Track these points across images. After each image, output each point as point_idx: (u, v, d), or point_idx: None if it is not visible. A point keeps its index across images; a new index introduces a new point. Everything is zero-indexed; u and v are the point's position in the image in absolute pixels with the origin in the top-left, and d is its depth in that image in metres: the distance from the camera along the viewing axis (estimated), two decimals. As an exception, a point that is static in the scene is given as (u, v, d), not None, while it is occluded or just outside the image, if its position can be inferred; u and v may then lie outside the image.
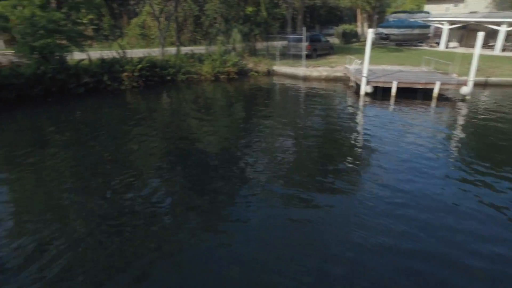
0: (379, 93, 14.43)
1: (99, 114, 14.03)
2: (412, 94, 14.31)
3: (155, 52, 21.98)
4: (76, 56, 18.18)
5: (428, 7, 39.56)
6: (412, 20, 34.62)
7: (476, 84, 14.86)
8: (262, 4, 24.55)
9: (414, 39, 33.74)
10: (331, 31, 46.20)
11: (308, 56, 21.96)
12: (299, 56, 21.24)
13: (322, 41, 26.01)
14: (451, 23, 30.60)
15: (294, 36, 25.06)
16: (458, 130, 10.91)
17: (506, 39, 27.31)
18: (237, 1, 24.90)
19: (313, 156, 8.74)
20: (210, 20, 28.37)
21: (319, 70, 19.90)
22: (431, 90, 14.18)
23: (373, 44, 16.27)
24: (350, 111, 13.14)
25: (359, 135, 10.30)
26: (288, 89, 17.95)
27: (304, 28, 20.93)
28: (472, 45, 17.62)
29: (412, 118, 11.73)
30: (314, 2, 51.74)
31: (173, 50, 22.60)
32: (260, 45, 25.28)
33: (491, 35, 27.25)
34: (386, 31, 33.86)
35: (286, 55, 23.48)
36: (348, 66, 18.25)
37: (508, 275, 4.46)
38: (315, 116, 12.58)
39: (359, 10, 41.28)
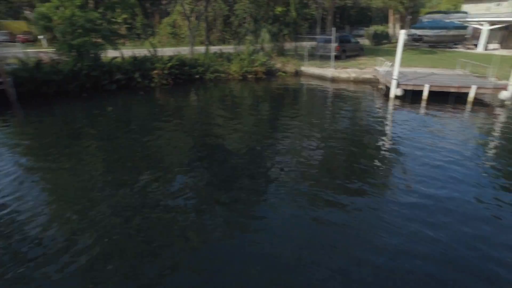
0: (410, 96, 14.01)
1: (130, 110, 14.55)
2: (445, 98, 13.77)
3: (184, 50, 22.46)
4: (110, 53, 18.94)
5: (466, 7, 37.83)
6: (447, 21, 33.25)
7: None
8: (292, 4, 24.46)
9: (449, 40, 32.38)
10: (361, 32, 45.33)
11: (337, 57, 21.67)
12: (328, 57, 20.99)
13: (351, 42, 25.57)
14: (492, 23, 29.09)
15: (323, 36, 24.82)
16: (495, 137, 10.40)
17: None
18: (266, 1, 24.95)
19: (340, 158, 8.65)
20: (240, 19, 28.61)
21: (348, 71, 19.59)
22: (466, 94, 13.60)
23: (405, 45, 15.79)
24: (379, 114, 12.85)
25: (387, 139, 10.07)
26: (315, 90, 17.80)
27: (333, 29, 20.67)
28: (513, 47, 16.69)
29: (444, 123, 11.30)
30: (344, 2, 50.89)
31: (202, 49, 23.02)
32: (288, 45, 25.21)
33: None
34: (419, 32, 32.73)
35: (314, 55, 23.28)
36: (378, 68, 17.85)
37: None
38: (343, 118, 12.42)
39: (391, 11, 40.18)
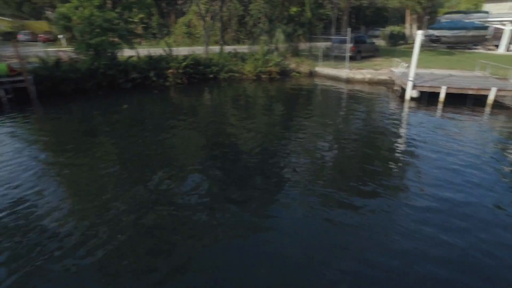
0: (426, 98, 13.75)
1: (145, 108, 14.78)
2: (463, 101, 13.45)
3: (199, 50, 22.66)
4: (126, 53, 19.28)
5: (487, 7, 36.73)
6: (467, 21, 32.40)
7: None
8: (307, 4, 24.38)
9: (468, 41, 31.53)
10: (377, 33, 44.73)
11: (352, 58, 21.44)
12: (342, 58, 20.81)
13: (367, 42, 25.29)
14: (515, 23, 28.21)
15: (338, 37, 24.62)
16: (514, 141, 10.10)
17: None
18: (281, 1, 24.94)
19: (353, 159, 8.57)
20: (254, 19, 28.69)
21: (363, 72, 19.38)
22: (485, 97, 13.24)
23: (422, 46, 15.52)
24: (394, 115, 12.67)
25: (402, 141, 9.92)
26: (329, 91, 17.68)
27: (348, 29, 20.49)
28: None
29: (462, 126, 11.05)
30: (360, 3, 50.36)
31: (216, 48, 23.16)
32: (303, 45, 25.12)
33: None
34: (437, 33, 32.01)
35: (329, 56, 23.11)
36: (393, 69, 17.59)
37: None
38: (357, 119, 12.29)
39: (408, 11, 39.51)
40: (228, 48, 23.59)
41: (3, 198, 6.40)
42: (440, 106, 13.15)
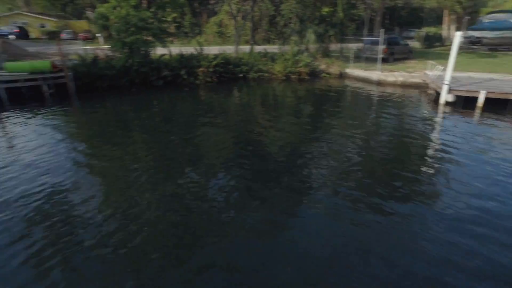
0: (462, 103, 13.12)
1: (175, 105, 15.18)
2: (503, 107, 12.72)
3: (229, 49, 22.92)
4: (159, 51, 19.87)
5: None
6: (513, 20, 30.49)
7: None
8: (339, 4, 24.03)
9: (513, 43, 29.69)
10: (411, 34, 43.27)
11: (384, 60, 20.87)
12: (374, 60, 20.32)
13: (400, 44, 24.52)
14: None
15: (370, 38, 24.07)
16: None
17: None
18: (313, 1, 24.73)
19: (383, 162, 8.36)
20: (285, 20, 28.62)
21: (395, 75, 18.84)
22: (530, 103, 12.48)
23: (460, 48, 14.83)
24: (427, 120, 12.20)
25: (435, 146, 9.55)
26: (360, 93, 17.34)
27: (381, 30, 20.00)
28: None
29: (502, 133, 10.41)
30: (395, 3, 48.88)
31: (247, 48, 23.34)
32: (334, 46, 24.78)
33: None
34: (477, 34, 30.35)
35: (360, 58, 22.64)
36: (428, 72, 16.96)
37: None
38: (387, 122, 11.96)
39: (446, 11, 37.85)
40: (258, 48, 23.70)
41: (41, 186, 6.80)
42: (478, 111, 12.52)
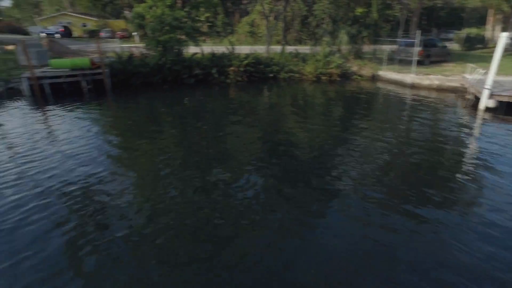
0: (504, 108, 12.41)
1: (205, 103, 15.47)
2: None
3: (261, 49, 23.05)
4: (191, 49, 20.33)
5: None
6: None
7: None
8: (374, 5, 23.47)
9: None
10: (450, 35, 41.45)
11: (420, 63, 20.11)
12: (408, 62, 19.64)
13: (437, 46, 23.57)
14: None
15: (405, 40, 23.33)
16: None
17: None
18: (347, 1, 24.32)
19: (415, 168, 8.09)
20: (318, 20, 28.37)
21: (431, 78, 18.13)
22: None
23: (505, 51, 13.95)
24: (464, 125, 11.64)
25: (473, 153, 9.11)
26: (392, 96, 16.87)
27: (418, 32, 19.30)
28: None
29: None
30: (434, 3, 46.98)
31: (278, 48, 23.34)
32: (367, 48, 24.22)
33: None
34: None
35: (393, 60, 21.99)
36: (467, 75, 16.19)
37: None
38: (421, 126, 11.54)
39: (491, 11, 35.82)
40: (289, 48, 23.65)
41: (79, 176, 7.17)
42: (522, 118, 11.82)
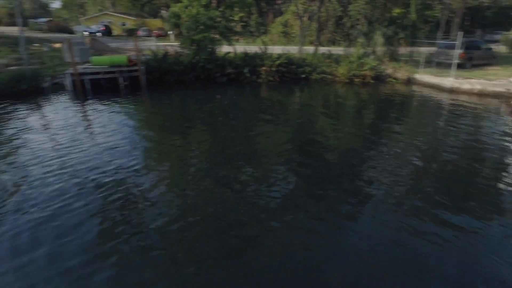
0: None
1: (236, 102, 15.66)
2: None
3: (293, 50, 22.95)
4: (224, 49, 20.62)
5: None
6: None
7: None
8: (412, 5, 22.63)
9: None
10: (496, 37, 39.06)
11: (461, 66, 19.14)
12: (448, 65, 18.75)
13: (481, 48, 22.31)
14: None
15: (445, 42, 22.27)
16: None
17: None
18: (383, 1, 23.64)
19: (451, 175, 7.74)
20: (352, 21, 27.81)
21: (471, 82, 17.22)
22: None
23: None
24: (508, 134, 10.93)
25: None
26: (429, 100, 16.21)
27: (460, 33, 18.37)
28: None
29: None
30: (479, 2, 44.46)
31: (311, 49, 23.15)
32: (403, 49, 23.39)
33: None
34: None
35: (431, 63, 21.09)
36: (513, 80, 15.25)
37: None
38: (460, 132, 10.95)
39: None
40: (323, 49, 23.37)
41: (115, 169, 7.47)
42: None
